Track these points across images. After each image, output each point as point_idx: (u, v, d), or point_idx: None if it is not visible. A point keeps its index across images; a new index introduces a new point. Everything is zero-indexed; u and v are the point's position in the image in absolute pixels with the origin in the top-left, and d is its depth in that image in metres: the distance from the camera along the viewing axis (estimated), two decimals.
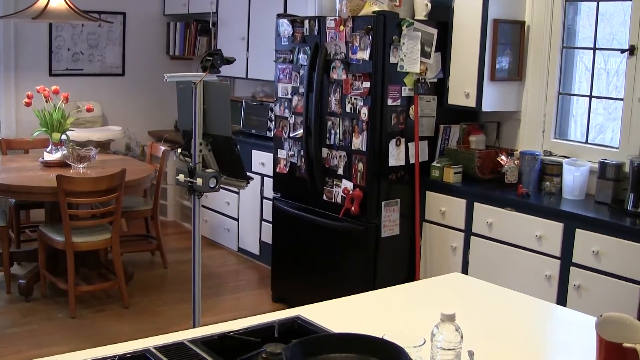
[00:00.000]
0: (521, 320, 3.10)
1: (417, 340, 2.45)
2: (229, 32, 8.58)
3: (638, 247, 4.70)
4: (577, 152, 5.83)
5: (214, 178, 4.97)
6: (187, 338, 2.54)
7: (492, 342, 2.79)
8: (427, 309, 2.28)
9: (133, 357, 2.42)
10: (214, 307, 6.70)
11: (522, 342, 2.82)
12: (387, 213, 5.90)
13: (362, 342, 2.33)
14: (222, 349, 2.50)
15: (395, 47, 5.76)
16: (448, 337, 2.22)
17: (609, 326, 2.19)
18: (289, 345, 2.25)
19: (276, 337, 2.58)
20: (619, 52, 5.55)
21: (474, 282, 3.72)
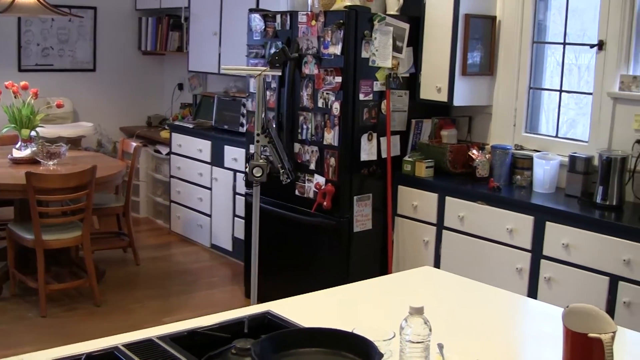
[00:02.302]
0: (491, 312, 3.11)
1: (387, 334, 2.45)
2: (201, 27, 8.55)
3: (607, 239, 4.73)
4: (547, 146, 5.85)
5: (259, 168, 5.00)
6: (156, 335, 2.52)
7: (462, 334, 2.79)
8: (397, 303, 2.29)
9: (101, 355, 2.39)
10: (187, 304, 6.69)
11: (492, 335, 2.83)
12: (360, 208, 5.91)
13: (332, 337, 2.33)
14: (192, 345, 2.48)
15: (367, 42, 5.76)
16: (416, 330, 2.22)
17: (575, 317, 2.20)
18: (258, 341, 2.24)
19: (246, 332, 2.57)
20: (589, 47, 5.58)
21: (444, 276, 3.73)
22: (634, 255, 4.59)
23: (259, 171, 5.08)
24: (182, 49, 9.37)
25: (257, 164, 5.07)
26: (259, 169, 5.09)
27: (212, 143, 8.03)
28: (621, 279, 4.67)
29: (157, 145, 9.28)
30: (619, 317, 4.67)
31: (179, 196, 8.67)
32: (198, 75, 9.44)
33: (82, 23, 9.60)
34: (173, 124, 8.88)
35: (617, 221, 4.84)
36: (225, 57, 8.17)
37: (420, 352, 2.23)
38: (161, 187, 9.33)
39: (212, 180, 8.08)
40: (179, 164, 8.60)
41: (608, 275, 4.74)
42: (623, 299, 4.65)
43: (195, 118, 8.76)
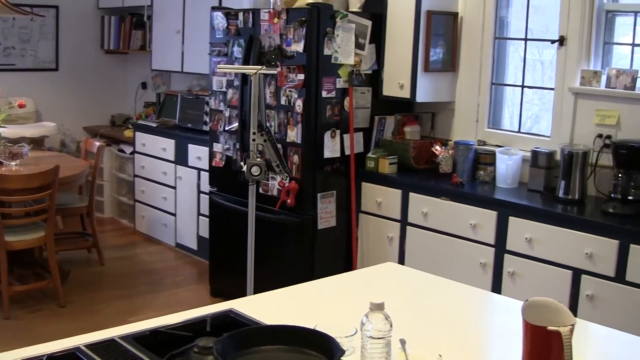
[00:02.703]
0: (454, 307, 3.12)
1: (349, 331, 2.46)
2: (164, 26, 8.52)
3: (569, 233, 4.76)
4: (510, 142, 5.88)
5: (257, 167, 5.00)
6: (118, 335, 2.50)
7: (424, 330, 2.80)
8: (360, 299, 2.29)
9: (62, 355, 2.38)
10: (153, 303, 6.67)
11: (454, 330, 2.84)
12: (323, 205, 5.91)
13: (294, 334, 2.33)
14: (155, 344, 2.47)
15: (329, 39, 5.77)
16: (377, 326, 2.22)
17: (534, 310, 2.21)
18: (219, 339, 2.24)
19: (208, 331, 2.56)
20: (550, 42, 5.61)
21: (407, 271, 3.74)
22: (596, 249, 4.62)
23: (257, 170, 5.09)
24: (145, 48, 9.35)
25: (255, 162, 5.07)
26: (257, 168, 5.09)
27: (176, 142, 8.01)
28: (584, 273, 4.70)
29: (121, 144, 9.25)
30: (582, 310, 4.71)
31: (144, 195, 8.65)
32: (161, 74, 9.40)
33: (44, 22, 9.53)
34: (137, 123, 8.85)
35: (579, 215, 4.87)
36: (188, 56, 8.17)
37: (381, 348, 2.24)
38: (125, 187, 9.30)
39: (176, 179, 8.06)
40: (143, 163, 8.57)
41: (571, 269, 4.77)
42: (586, 292, 4.68)
43: (159, 117, 8.75)
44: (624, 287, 4.51)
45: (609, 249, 4.58)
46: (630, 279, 4.49)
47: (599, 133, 5.28)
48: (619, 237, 4.55)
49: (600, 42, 5.40)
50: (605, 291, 4.60)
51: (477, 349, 2.69)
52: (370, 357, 2.24)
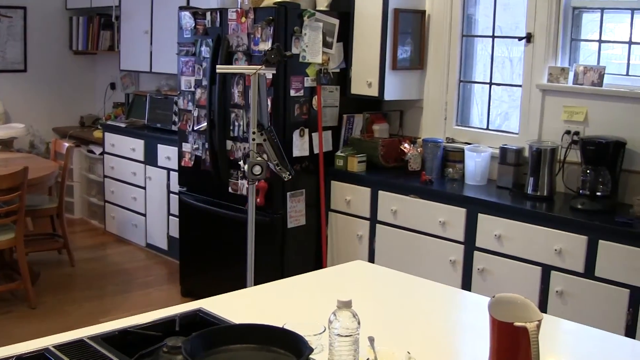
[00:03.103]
0: (423, 305, 3.12)
1: (318, 329, 2.47)
2: (132, 26, 8.50)
3: (538, 229, 4.79)
4: (479, 139, 5.90)
5: (259, 166, 5.00)
6: (87, 335, 2.49)
7: (393, 327, 2.80)
8: (329, 297, 2.29)
9: (31, 356, 2.36)
10: (124, 304, 6.65)
11: (423, 327, 2.84)
12: (293, 204, 5.91)
13: (262, 332, 2.33)
14: (124, 344, 2.46)
15: (297, 38, 5.77)
16: (344, 323, 2.22)
17: (501, 306, 2.22)
18: (188, 338, 2.23)
19: (177, 330, 2.56)
20: (517, 39, 5.63)
21: (376, 269, 3.74)
22: (565, 245, 4.65)
23: (258, 169, 5.10)
24: (113, 48, 9.33)
25: (256, 162, 5.09)
26: (258, 167, 5.11)
27: (145, 142, 7.99)
28: (553, 269, 4.73)
29: (91, 145, 9.21)
30: (552, 306, 4.73)
31: (113, 196, 8.62)
32: (130, 74, 9.38)
33: (12, 23, 9.47)
34: (106, 123, 8.82)
35: (548, 211, 4.90)
36: (156, 56, 8.15)
37: (349, 346, 2.24)
38: (95, 187, 9.27)
39: (145, 180, 8.04)
40: (113, 164, 8.54)
41: (540, 265, 4.80)
42: (555, 288, 4.71)
43: (128, 117, 8.72)
44: (593, 283, 4.54)
45: (578, 245, 4.61)
46: (599, 274, 4.52)
47: (567, 129, 5.31)
48: (587, 233, 4.58)
49: (567, 39, 5.42)
50: (575, 287, 4.63)
51: (445, 345, 2.70)
52: (338, 354, 2.24)
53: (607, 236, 4.49)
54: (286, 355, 2.24)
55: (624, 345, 2.86)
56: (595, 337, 2.84)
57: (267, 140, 5.13)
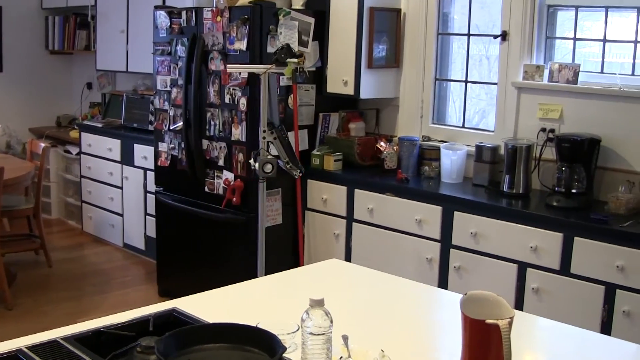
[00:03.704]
0: (397, 303, 3.12)
1: (291, 327, 2.47)
2: (108, 25, 8.47)
3: (514, 227, 4.81)
4: (455, 137, 5.92)
5: (269, 164, 5.04)
6: (61, 336, 2.48)
7: (367, 325, 2.80)
8: (303, 296, 2.29)
9: (4, 358, 2.35)
10: (101, 305, 6.62)
11: (398, 325, 2.84)
12: (269, 203, 5.90)
13: (236, 332, 2.33)
14: (97, 345, 2.45)
15: (272, 37, 5.76)
16: (317, 322, 2.22)
17: (474, 304, 2.22)
18: (161, 338, 2.23)
19: (151, 330, 2.55)
20: (492, 37, 5.65)
21: (351, 268, 3.75)
22: (541, 242, 4.67)
23: (269, 167, 5.14)
24: (90, 48, 9.29)
25: (266, 159, 5.12)
26: (269, 165, 5.16)
27: (122, 142, 7.97)
28: (529, 266, 4.75)
29: (67, 145, 9.17)
30: (528, 303, 4.75)
31: (90, 196, 8.59)
32: (107, 74, 9.35)
33: None
34: (82, 123, 8.78)
35: (523, 209, 4.92)
36: (132, 55, 8.12)
37: (322, 344, 2.24)
38: (72, 188, 9.23)
39: (122, 179, 8.01)
40: (89, 164, 8.51)
41: (516, 263, 4.82)
42: (531, 285, 4.72)
43: (105, 117, 8.70)
44: (569, 280, 4.56)
45: (554, 242, 4.63)
46: (574, 271, 4.54)
47: (543, 127, 5.33)
48: (563, 230, 4.60)
49: (542, 37, 5.44)
50: (551, 284, 4.65)
51: (419, 343, 2.70)
52: (311, 353, 2.24)
53: (583, 233, 4.51)
54: (260, 354, 2.24)
55: (599, 342, 2.87)
56: (570, 334, 2.85)
57: (277, 138, 5.18)
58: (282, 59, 5.32)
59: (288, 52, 5.32)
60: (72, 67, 10.20)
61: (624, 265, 4.31)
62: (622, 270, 4.32)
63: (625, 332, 4.27)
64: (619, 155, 5.04)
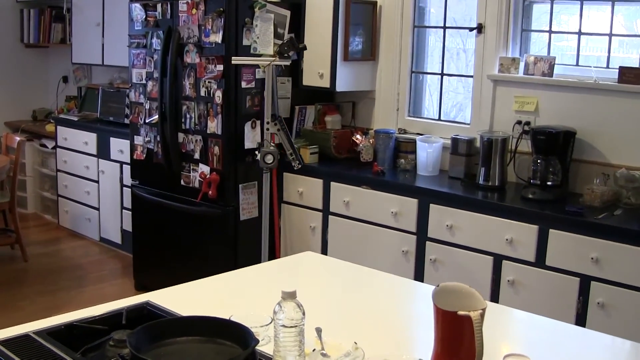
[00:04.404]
0: (372, 295, 3.13)
1: (264, 320, 2.46)
2: (83, 18, 8.43)
3: (490, 219, 4.82)
4: (431, 129, 5.92)
5: (270, 155, 5.05)
6: (33, 330, 2.46)
7: (342, 318, 2.81)
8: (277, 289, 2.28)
9: None
10: (77, 299, 6.60)
11: (372, 317, 2.84)
12: (245, 196, 5.89)
13: (209, 324, 2.32)
14: (70, 339, 2.44)
15: (248, 29, 5.74)
16: (289, 314, 2.21)
17: (446, 295, 2.22)
18: (133, 331, 2.22)
19: (124, 323, 2.54)
20: (468, 30, 5.65)
21: (325, 260, 3.75)
22: (516, 235, 4.68)
23: (270, 158, 5.16)
24: (65, 41, 9.24)
25: (268, 150, 5.13)
26: (270, 156, 5.17)
27: (98, 135, 7.94)
28: (505, 258, 4.76)
29: (43, 139, 9.13)
30: (503, 295, 4.77)
31: (67, 190, 8.55)
32: (83, 67, 9.31)
33: None
34: (58, 117, 8.74)
35: (499, 201, 4.93)
36: (108, 48, 8.09)
37: (294, 337, 2.23)
38: (48, 182, 9.19)
39: (98, 173, 7.98)
40: (66, 158, 8.47)
41: (492, 255, 4.83)
42: (507, 277, 4.74)
43: (81, 110, 8.66)
44: (544, 272, 4.58)
45: (529, 235, 4.64)
46: (550, 263, 4.56)
47: (518, 119, 5.34)
48: (538, 222, 4.62)
49: (517, 30, 5.46)
50: (526, 276, 4.66)
51: (393, 335, 2.69)
52: (283, 346, 2.23)
53: (558, 225, 4.52)
54: (232, 347, 2.23)
55: (575, 334, 2.88)
56: (545, 326, 2.86)
57: (280, 130, 5.18)
58: (285, 51, 5.34)
59: (291, 45, 5.33)
60: (47, 60, 10.14)
61: (599, 257, 4.32)
62: (596, 262, 4.33)
63: (599, 324, 4.29)
64: (594, 148, 5.06)
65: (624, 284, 4.27)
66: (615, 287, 4.30)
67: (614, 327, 4.22)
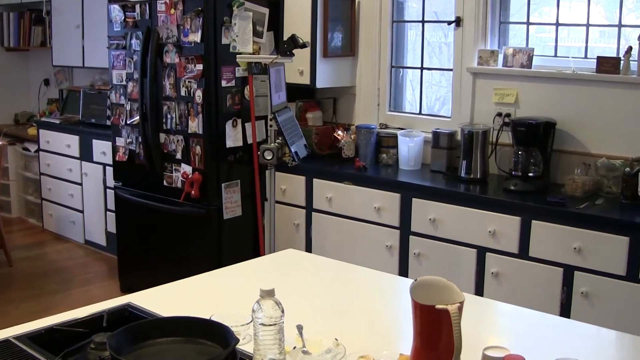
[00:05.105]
0: (353, 291, 3.13)
1: (245, 319, 2.46)
2: (63, 21, 8.40)
3: (472, 212, 4.83)
4: (412, 124, 5.93)
5: (270, 151, 5.16)
6: (13, 335, 2.46)
7: (323, 315, 2.80)
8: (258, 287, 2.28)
9: None
10: (63, 302, 6.58)
11: (353, 313, 2.85)
12: (228, 195, 5.89)
13: (189, 325, 2.32)
14: (51, 343, 2.43)
15: (227, 28, 5.74)
16: (268, 312, 2.21)
17: (424, 289, 2.21)
18: (113, 334, 2.21)
19: (105, 326, 2.53)
20: (447, 24, 5.66)
21: (308, 257, 3.75)
22: (499, 227, 4.69)
23: (269, 154, 5.17)
24: (46, 44, 9.21)
25: (267, 147, 5.13)
26: (269, 152, 5.19)
27: (80, 138, 7.92)
28: (488, 251, 4.77)
29: (26, 142, 9.10)
30: (488, 287, 4.78)
31: (50, 193, 8.53)
32: (64, 70, 9.28)
33: None
34: (40, 120, 8.72)
35: (481, 194, 4.94)
36: (88, 50, 8.07)
37: (273, 335, 2.23)
38: (32, 185, 9.17)
39: (82, 176, 7.96)
40: (48, 161, 8.45)
41: (475, 247, 4.84)
42: (491, 269, 4.75)
43: (63, 113, 8.63)
44: (528, 263, 4.59)
45: (512, 226, 4.65)
46: (533, 254, 4.57)
47: (499, 112, 5.36)
48: (520, 213, 4.63)
49: (496, 22, 5.47)
50: (510, 268, 4.67)
51: (374, 331, 2.69)
52: (263, 344, 2.23)
53: (540, 216, 4.54)
54: (213, 347, 2.23)
55: (560, 325, 2.87)
56: (530, 318, 2.87)
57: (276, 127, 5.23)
58: (286, 49, 5.35)
59: (292, 43, 5.34)
60: (28, 63, 10.12)
61: (581, 246, 4.34)
62: (579, 251, 4.34)
63: (583, 313, 4.30)
64: (574, 138, 5.07)
65: (607, 273, 4.28)
66: (598, 276, 4.31)
67: (598, 316, 4.23)
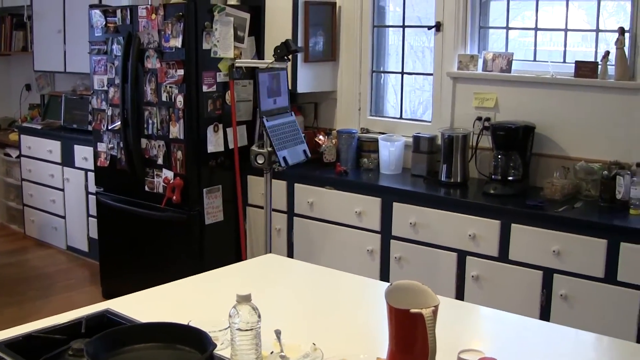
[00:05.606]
0: (332, 296, 3.14)
1: (223, 324, 2.46)
2: (44, 25, 8.38)
3: (452, 216, 4.85)
4: (393, 128, 5.95)
5: (261, 155, 5.25)
6: None
7: (301, 320, 2.82)
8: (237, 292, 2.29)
9: None
10: (44, 308, 6.55)
11: (331, 318, 2.85)
12: (210, 200, 5.89)
13: (167, 330, 2.32)
14: (29, 349, 2.42)
15: (208, 33, 5.74)
16: (244, 318, 2.22)
17: (399, 294, 2.23)
18: (91, 340, 2.21)
19: (83, 332, 2.53)
20: (427, 29, 5.69)
21: (287, 262, 3.76)
22: (479, 230, 4.71)
23: (261, 158, 5.19)
24: (27, 49, 9.18)
25: (258, 151, 5.15)
26: (260, 157, 5.20)
27: (62, 143, 7.89)
28: (468, 254, 4.80)
29: (7, 148, 9.07)
30: (468, 291, 4.80)
31: (32, 199, 8.51)
32: (45, 75, 9.25)
33: None
34: (22, 125, 8.69)
35: (461, 198, 4.97)
36: (70, 55, 8.04)
37: (250, 340, 2.24)
38: (14, 191, 9.14)
39: (63, 181, 7.94)
40: (30, 167, 8.43)
41: (455, 251, 4.86)
42: (471, 273, 4.77)
43: (44, 119, 8.61)
44: (508, 266, 4.62)
45: (492, 230, 4.68)
46: (513, 257, 4.60)
47: (479, 116, 5.39)
48: (500, 217, 4.65)
49: (475, 27, 5.50)
50: (490, 271, 4.69)
51: (352, 335, 2.70)
52: (240, 349, 2.24)
53: (520, 219, 4.56)
54: (190, 352, 2.23)
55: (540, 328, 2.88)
56: (509, 321, 2.89)
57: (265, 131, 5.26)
58: (279, 54, 5.36)
59: (285, 48, 5.35)
60: (9, 68, 10.08)
61: (560, 249, 4.36)
62: (558, 254, 4.37)
63: (563, 315, 4.33)
64: (553, 142, 5.10)
65: (585, 275, 4.31)
66: (577, 278, 4.34)
67: (577, 318, 4.26)
